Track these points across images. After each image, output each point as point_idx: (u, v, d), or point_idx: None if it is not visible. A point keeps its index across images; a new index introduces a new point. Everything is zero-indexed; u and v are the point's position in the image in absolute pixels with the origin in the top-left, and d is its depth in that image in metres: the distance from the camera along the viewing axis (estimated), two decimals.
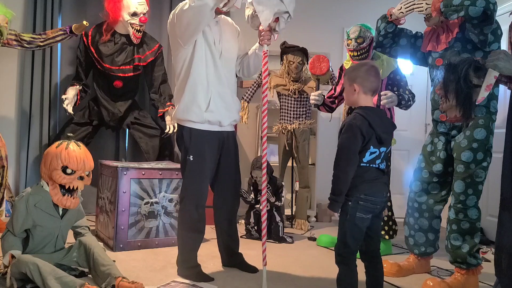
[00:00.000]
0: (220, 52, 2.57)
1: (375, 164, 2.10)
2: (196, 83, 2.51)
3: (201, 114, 2.52)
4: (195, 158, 2.54)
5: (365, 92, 2.13)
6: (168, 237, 3.27)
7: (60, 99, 4.01)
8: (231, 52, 2.67)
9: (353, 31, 3.26)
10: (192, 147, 2.55)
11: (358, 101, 2.15)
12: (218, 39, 2.57)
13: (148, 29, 4.17)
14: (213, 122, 2.56)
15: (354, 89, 2.14)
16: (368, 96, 2.14)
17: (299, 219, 4.19)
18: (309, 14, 4.83)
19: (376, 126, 2.06)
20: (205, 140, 2.56)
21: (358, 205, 2.04)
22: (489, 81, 1.85)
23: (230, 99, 2.62)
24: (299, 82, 4.14)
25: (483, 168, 2.54)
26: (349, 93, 2.19)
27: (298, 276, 2.74)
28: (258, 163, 3.61)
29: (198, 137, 2.55)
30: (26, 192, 2.39)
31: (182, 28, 2.44)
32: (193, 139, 2.55)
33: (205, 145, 2.56)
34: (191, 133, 2.56)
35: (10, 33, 3.46)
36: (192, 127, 2.56)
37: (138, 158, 4.31)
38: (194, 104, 2.52)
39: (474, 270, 2.57)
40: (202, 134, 2.56)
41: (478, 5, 2.28)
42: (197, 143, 2.55)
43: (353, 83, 2.14)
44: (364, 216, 2.06)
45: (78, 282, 2.12)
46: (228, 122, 2.64)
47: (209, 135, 2.57)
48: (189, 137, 2.56)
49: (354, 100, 2.17)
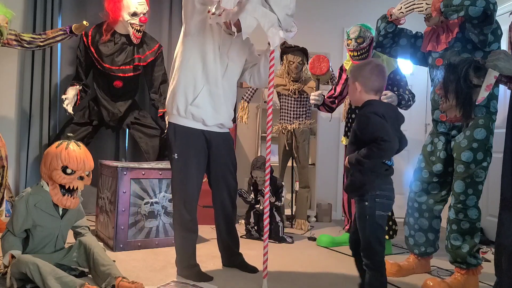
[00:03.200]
0: (222, 56, 2.54)
1: (390, 161, 2.10)
2: (189, 76, 2.50)
3: (186, 106, 2.50)
4: (180, 156, 2.53)
5: (367, 92, 2.12)
6: (168, 237, 3.27)
7: (60, 99, 4.01)
8: (236, 60, 2.63)
9: (353, 31, 3.26)
10: (176, 144, 2.54)
11: (361, 99, 2.15)
12: (226, 45, 2.54)
13: (148, 29, 4.17)
14: (196, 118, 2.53)
15: (356, 87, 2.14)
16: (371, 95, 2.13)
17: (299, 219, 4.19)
18: (309, 14, 4.83)
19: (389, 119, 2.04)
20: (189, 138, 2.55)
21: (375, 203, 2.03)
22: (489, 81, 1.85)
23: (221, 101, 2.57)
24: (299, 82, 4.14)
25: (483, 168, 2.54)
26: (351, 91, 2.19)
27: (298, 276, 2.74)
28: (258, 163, 3.61)
29: (182, 134, 2.54)
30: (26, 192, 2.39)
31: (185, 17, 2.44)
32: (177, 136, 2.54)
33: (189, 143, 2.55)
34: (175, 130, 2.55)
35: (10, 33, 3.46)
36: (176, 123, 2.55)
37: (138, 158, 4.31)
38: (182, 94, 2.50)
39: (474, 270, 2.57)
40: (185, 131, 2.54)
41: (478, 5, 2.28)
42: (181, 141, 2.54)
43: (355, 81, 2.14)
44: (383, 213, 2.05)
45: (78, 282, 2.12)
46: (213, 123, 2.58)
47: (193, 133, 2.55)
48: (173, 134, 2.55)
49: (357, 99, 2.17)
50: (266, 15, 2.29)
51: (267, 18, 2.29)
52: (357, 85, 2.13)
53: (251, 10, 2.26)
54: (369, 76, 2.11)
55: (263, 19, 2.29)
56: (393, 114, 2.09)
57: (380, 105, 2.08)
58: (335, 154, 4.86)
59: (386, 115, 2.04)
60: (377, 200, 2.03)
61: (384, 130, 1.98)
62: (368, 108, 2.07)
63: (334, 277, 2.74)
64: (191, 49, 2.51)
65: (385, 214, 2.05)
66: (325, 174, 4.77)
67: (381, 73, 2.14)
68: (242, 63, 2.70)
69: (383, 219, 2.04)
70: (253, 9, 2.26)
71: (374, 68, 2.13)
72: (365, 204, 2.04)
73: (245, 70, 2.74)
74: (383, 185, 2.05)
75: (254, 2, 2.27)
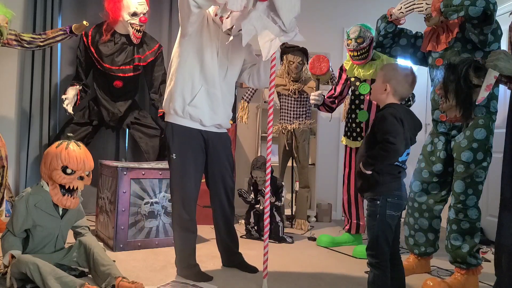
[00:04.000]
0: (221, 57, 2.54)
1: (404, 165, 2.11)
2: (186, 77, 2.50)
3: (184, 106, 2.50)
4: (178, 157, 2.54)
5: (394, 95, 2.12)
6: (168, 237, 3.27)
7: (60, 99, 4.01)
8: (235, 61, 2.63)
9: (353, 31, 3.26)
10: (174, 145, 2.54)
11: (385, 100, 2.14)
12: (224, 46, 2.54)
13: (148, 29, 4.17)
14: (194, 118, 2.53)
15: (385, 88, 2.13)
16: (396, 100, 2.12)
17: (299, 219, 4.19)
18: (309, 14, 4.83)
19: (408, 125, 2.04)
20: (187, 138, 2.55)
21: (387, 203, 2.03)
22: (489, 81, 1.85)
23: (219, 102, 2.57)
24: (299, 82, 4.14)
25: (483, 168, 2.54)
26: (378, 89, 2.17)
27: (298, 276, 2.74)
28: (258, 163, 3.61)
29: (180, 134, 2.54)
30: (26, 192, 2.39)
31: (181, 19, 2.44)
32: (175, 136, 2.54)
33: (186, 143, 2.55)
34: (173, 130, 2.55)
35: (10, 33, 3.46)
36: (174, 123, 2.55)
37: (138, 158, 4.31)
38: (180, 95, 2.50)
39: (474, 270, 2.57)
40: (183, 131, 2.54)
41: (478, 5, 2.28)
42: (179, 141, 2.54)
43: (387, 82, 2.13)
44: (394, 213, 2.05)
45: (78, 282, 2.12)
46: (211, 123, 2.58)
47: (191, 133, 2.55)
48: (171, 134, 2.55)
49: (381, 98, 2.16)
50: (266, 28, 2.29)
51: (266, 30, 2.30)
52: (388, 86, 2.11)
53: (254, 19, 2.27)
54: (403, 83, 2.11)
55: (262, 31, 2.30)
56: (411, 120, 2.09)
57: (400, 110, 2.08)
58: (335, 154, 4.86)
59: (405, 120, 2.03)
60: (388, 200, 2.03)
61: (395, 132, 1.98)
62: (389, 110, 2.07)
63: (334, 277, 2.74)
64: (189, 50, 2.51)
65: (396, 214, 2.06)
66: (325, 174, 4.77)
67: (414, 83, 2.15)
68: (241, 64, 2.70)
69: (393, 219, 2.05)
70: (255, 19, 2.27)
71: (409, 76, 2.12)
72: (376, 203, 2.04)
73: (243, 71, 2.74)
74: (396, 186, 2.06)
75: (259, 10, 2.26)
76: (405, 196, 2.11)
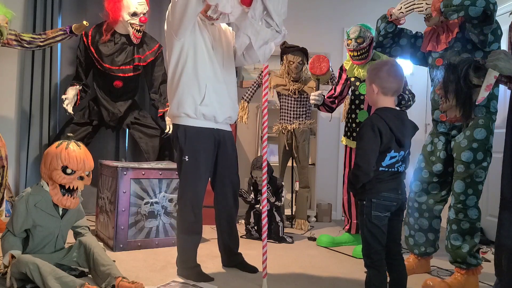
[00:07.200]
0: (216, 49, 2.57)
1: (394, 168, 2.08)
2: (191, 78, 2.51)
3: (196, 107, 2.50)
4: (190, 159, 2.54)
5: (384, 93, 2.10)
6: (168, 237, 3.27)
7: (60, 99, 4.01)
8: (228, 49, 2.67)
9: (353, 31, 3.26)
10: (187, 147, 2.54)
11: (378, 101, 2.13)
12: (215, 37, 2.60)
13: (148, 29, 4.17)
14: (208, 117, 2.55)
15: (373, 89, 2.11)
16: (388, 97, 2.11)
17: (299, 219, 4.19)
18: (309, 14, 4.83)
19: (396, 129, 2.03)
20: (200, 139, 2.55)
21: (372, 203, 2.04)
22: (489, 81, 1.84)
23: (226, 95, 2.60)
24: (299, 82, 4.14)
25: (483, 168, 2.54)
26: (369, 93, 2.17)
27: (298, 276, 2.74)
28: (258, 163, 3.61)
29: (193, 136, 2.54)
30: (26, 192, 2.39)
31: (174, 20, 2.44)
32: (188, 138, 2.54)
33: (200, 145, 2.55)
34: (185, 132, 2.54)
35: (10, 33, 3.46)
36: (186, 125, 2.54)
37: (138, 158, 4.31)
38: (189, 97, 2.50)
39: (474, 270, 2.57)
40: (197, 132, 2.54)
41: (478, 5, 2.28)
42: (192, 143, 2.54)
43: (372, 83, 2.12)
44: (380, 214, 2.05)
45: (78, 282, 2.12)
46: (223, 118, 2.61)
47: (204, 133, 2.56)
48: (184, 136, 2.54)
49: (374, 100, 2.15)
50: (259, 33, 2.34)
51: (260, 35, 2.34)
52: (374, 87, 2.10)
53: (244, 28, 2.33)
54: (386, 77, 2.08)
55: (255, 37, 2.34)
56: (401, 125, 2.06)
57: (387, 115, 2.05)
58: (335, 154, 4.86)
59: (391, 124, 2.02)
60: (373, 201, 2.04)
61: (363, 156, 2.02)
62: (370, 118, 2.07)
63: (334, 277, 2.74)
64: (186, 52, 2.51)
65: (383, 215, 2.05)
66: (325, 174, 4.77)
67: (398, 73, 2.10)
68: (231, 47, 2.72)
69: (380, 219, 2.05)
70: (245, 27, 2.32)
71: (390, 69, 2.09)
72: (363, 203, 2.07)
73: (235, 53, 2.74)
74: (383, 188, 2.06)
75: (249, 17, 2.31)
76: (394, 198, 2.08)
